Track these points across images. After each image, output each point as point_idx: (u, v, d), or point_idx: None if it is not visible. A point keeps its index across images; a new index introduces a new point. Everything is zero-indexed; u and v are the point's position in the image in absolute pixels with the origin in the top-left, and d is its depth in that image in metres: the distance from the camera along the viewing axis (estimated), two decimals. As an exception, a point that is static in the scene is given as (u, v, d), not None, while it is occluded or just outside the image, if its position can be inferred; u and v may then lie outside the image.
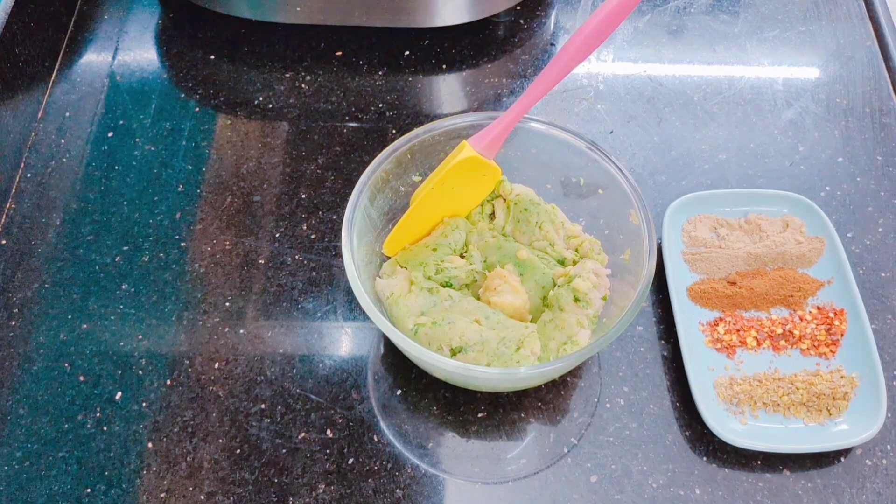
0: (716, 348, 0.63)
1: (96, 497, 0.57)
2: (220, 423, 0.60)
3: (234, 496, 0.57)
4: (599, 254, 0.62)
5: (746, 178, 0.73)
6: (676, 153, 0.75)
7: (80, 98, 0.78)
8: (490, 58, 0.82)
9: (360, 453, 0.59)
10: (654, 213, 0.69)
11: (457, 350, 0.56)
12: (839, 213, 0.71)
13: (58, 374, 0.62)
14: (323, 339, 0.64)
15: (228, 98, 0.78)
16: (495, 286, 0.60)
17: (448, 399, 0.61)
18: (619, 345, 0.64)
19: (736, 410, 0.60)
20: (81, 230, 0.69)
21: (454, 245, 0.62)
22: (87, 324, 0.64)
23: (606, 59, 0.82)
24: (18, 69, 0.74)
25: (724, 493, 0.57)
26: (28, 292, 0.66)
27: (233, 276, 0.67)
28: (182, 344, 0.63)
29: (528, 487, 0.58)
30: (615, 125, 0.77)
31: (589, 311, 0.59)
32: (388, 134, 0.76)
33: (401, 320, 0.58)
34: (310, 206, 0.71)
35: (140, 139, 0.75)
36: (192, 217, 0.70)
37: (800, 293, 0.65)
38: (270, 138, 0.75)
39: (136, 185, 0.72)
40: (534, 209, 0.63)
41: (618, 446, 0.59)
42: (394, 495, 0.57)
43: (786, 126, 0.77)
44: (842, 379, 0.60)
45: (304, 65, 0.81)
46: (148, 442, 0.59)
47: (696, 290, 0.65)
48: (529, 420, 0.61)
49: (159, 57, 0.82)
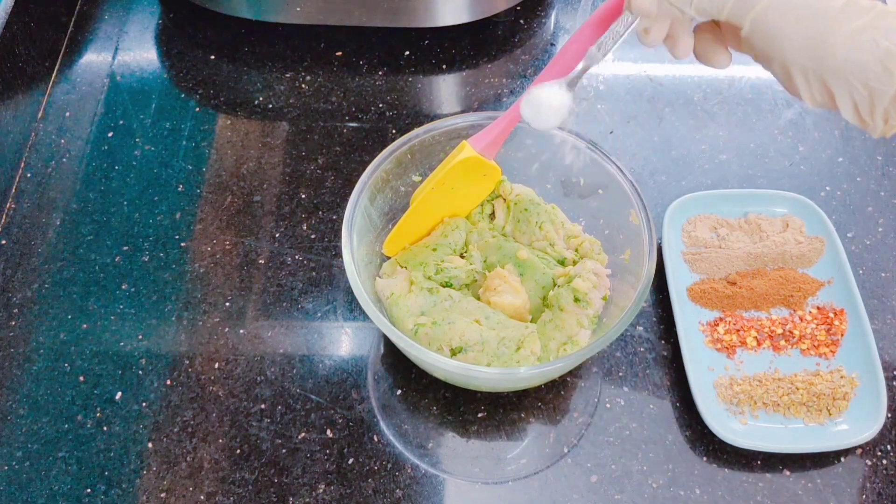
0: (716, 348, 0.63)
1: (96, 497, 0.57)
2: (220, 423, 0.60)
3: (234, 496, 0.57)
4: (599, 254, 0.62)
5: (746, 178, 0.73)
6: (676, 153, 0.75)
7: (80, 98, 0.78)
8: (490, 58, 0.82)
9: (360, 453, 0.59)
10: (654, 213, 0.69)
11: (457, 350, 0.56)
12: (839, 213, 0.71)
13: (58, 374, 0.62)
14: (323, 339, 0.64)
15: (228, 98, 0.78)
16: (495, 286, 0.60)
17: (448, 399, 0.61)
18: (619, 345, 0.64)
19: (736, 410, 0.60)
20: (81, 230, 0.69)
21: (454, 245, 0.62)
22: (87, 324, 0.64)
23: (606, 59, 0.82)
24: (18, 69, 0.74)
25: (724, 493, 0.57)
26: (28, 292, 0.66)
27: (233, 276, 0.67)
28: (182, 344, 0.63)
29: (528, 487, 0.58)
30: (615, 125, 0.77)
31: (589, 311, 0.59)
32: (388, 134, 0.76)
33: (401, 320, 0.58)
34: (310, 206, 0.71)
35: (140, 139, 0.75)
36: (192, 217, 0.70)
37: (800, 293, 0.65)
38: (270, 138, 0.75)
39: (136, 185, 0.72)
40: (534, 209, 0.63)
41: (618, 446, 0.59)
42: (394, 495, 0.57)
43: (786, 126, 0.77)
44: (842, 379, 0.60)
45: (304, 65, 0.81)
46: (148, 442, 0.59)
47: (696, 290, 0.65)
48: (529, 420, 0.61)
49: (159, 57, 0.82)
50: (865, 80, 0.41)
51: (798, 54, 0.41)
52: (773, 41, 0.42)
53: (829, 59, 0.41)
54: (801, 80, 0.42)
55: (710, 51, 0.47)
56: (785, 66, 0.42)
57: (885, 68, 0.40)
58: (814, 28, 0.41)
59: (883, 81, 0.40)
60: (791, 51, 0.41)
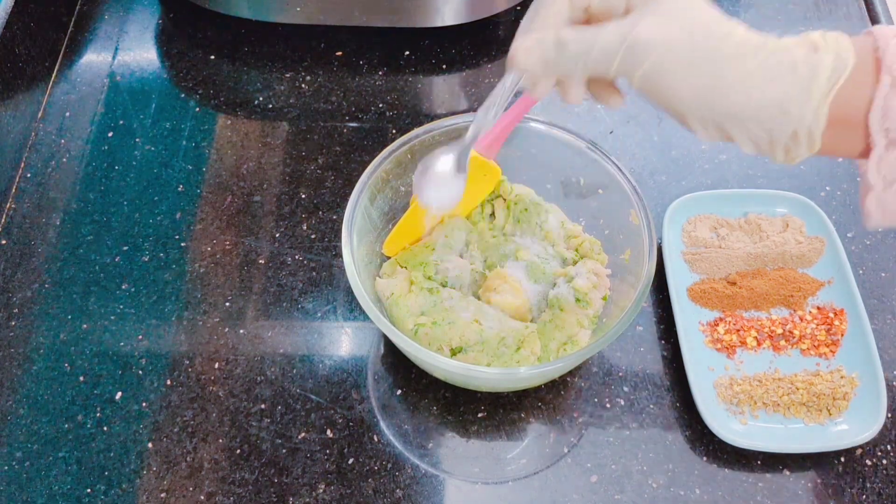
0: (716, 348, 0.63)
1: (96, 497, 0.57)
2: (220, 423, 0.60)
3: (234, 496, 0.57)
4: (599, 254, 0.62)
5: (746, 178, 0.73)
6: (676, 153, 0.75)
7: (80, 98, 0.78)
8: (490, 58, 0.82)
9: (360, 453, 0.59)
10: (654, 213, 0.69)
11: (457, 350, 0.56)
12: (839, 213, 0.71)
13: (58, 374, 0.62)
14: (323, 339, 0.64)
15: (228, 98, 0.78)
16: (495, 286, 0.60)
17: (448, 399, 0.61)
18: (619, 345, 0.64)
19: (736, 410, 0.60)
20: (81, 230, 0.69)
21: (454, 245, 0.62)
22: (87, 324, 0.64)
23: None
24: (18, 69, 0.74)
25: (724, 493, 0.57)
26: (28, 292, 0.66)
27: (233, 276, 0.67)
28: (182, 344, 0.63)
29: (528, 487, 0.58)
30: (615, 125, 0.77)
31: (589, 311, 0.59)
32: (388, 134, 0.76)
33: (401, 320, 0.58)
34: (310, 206, 0.71)
35: (140, 139, 0.75)
36: (192, 217, 0.70)
37: (800, 293, 0.65)
38: (270, 138, 0.75)
39: (136, 185, 0.72)
40: (534, 209, 0.63)
41: (618, 446, 0.59)
42: (394, 495, 0.57)
43: (786, 126, 0.77)
44: (842, 379, 0.60)
45: (304, 65, 0.81)
46: (148, 442, 0.59)
47: (696, 290, 0.65)
48: (529, 420, 0.61)
49: (159, 57, 0.82)
50: (762, 123, 0.40)
51: (691, 105, 0.40)
52: (664, 94, 0.40)
53: (724, 106, 0.40)
54: (697, 125, 0.41)
55: (604, 95, 0.46)
56: (679, 114, 0.41)
57: (782, 110, 0.39)
58: (706, 77, 0.39)
59: (780, 122, 0.39)
60: (683, 102, 0.40)
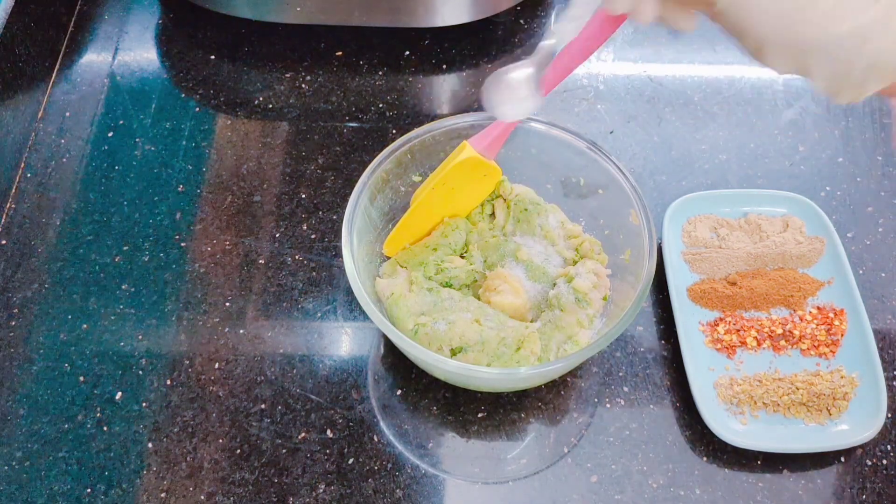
0: (716, 348, 0.63)
1: (96, 497, 0.57)
2: (220, 423, 0.60)
3: (234, 496, 0.57)
4: (599, 254, 0.62)
5: (746, 178, 0.73)
6: (676, 153, 0.75)
7: (80, 98, 0.78)
8: (490, 58, 0.82)
9: (360, 453, 0.59)
10: (654, 213, 0.69)
11: (457, 350, 0.56)
12: (839, 213, 0.71)
13: (58, 374, 0.62)
14: (323, 339, 0.64)
15: (228, 98, 0.78)
16: (495, 286, 0.60)
17: (448, 399, 0.61)
18: (619, 345, 0.64)
19: (736, 410, 0.60)
20: (81, 230, 0.69)
21: (454, 245, 0.62)
22: (87, 324, 0.64)
23: (606, 60, 0.82)
24: (18, 69, 0.74)
25: (724, 493, 0.57)
26: (28, 292, 0.66)
27: (233, 276, 0.67)
28: (182, 344, 0.63)
29: (528, 487, 0.58)
30: (615, 125, 0.77)
31: (589, 311, 0.59)
32: (388, 134, 0.76)
33: (401, 320, 0.58)
34: (310, 206, 0.71)
35: (140, 139, 0.75)
36: (192, 217, 0.70)
37: (800, 293, 0.65)
38: (270, 138, 0.75)
39: (136, 185, 0.72)
40: (534, 209, 0.63)
41: (618, 446, 0.59)
42: (394, 495, 0.57)
43: (786, 126, 0.77)
44: (842, 379, 0.60)
45: (304, 65, 0.81)
46: (148, 442, 0.59)
47: (696, 290, 0.65)
48: (529, 420, 0.61)
49: (159, 57, 0.82)
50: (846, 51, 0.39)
51: (773, 29, 0.40)
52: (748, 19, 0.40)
53: (810, 33, 0.39)
54: (776, 55, 0.41)
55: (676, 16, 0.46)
56: (758, 40, 0.41)
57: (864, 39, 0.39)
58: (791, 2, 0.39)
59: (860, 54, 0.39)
60: (766, 26, 0.40)
